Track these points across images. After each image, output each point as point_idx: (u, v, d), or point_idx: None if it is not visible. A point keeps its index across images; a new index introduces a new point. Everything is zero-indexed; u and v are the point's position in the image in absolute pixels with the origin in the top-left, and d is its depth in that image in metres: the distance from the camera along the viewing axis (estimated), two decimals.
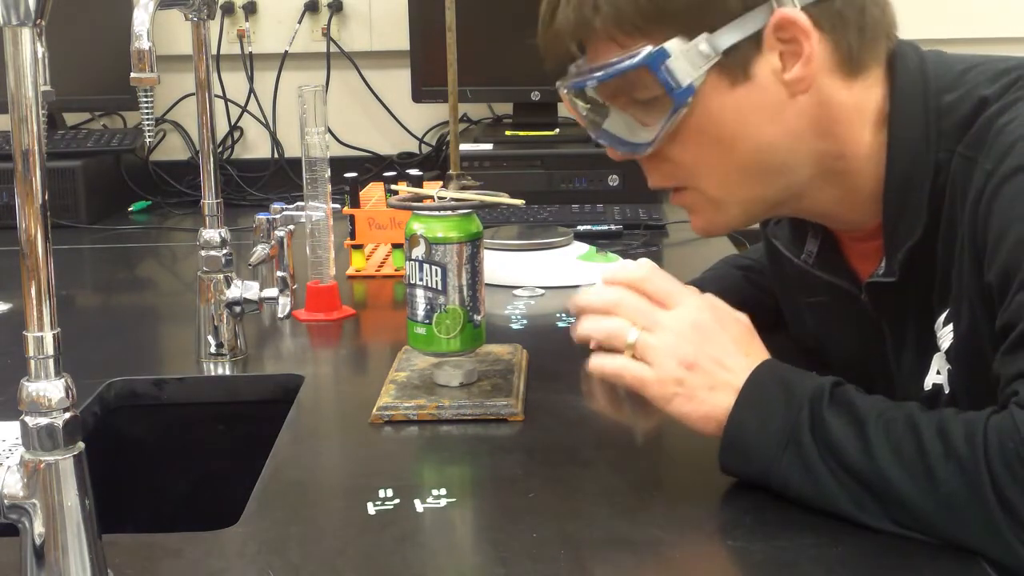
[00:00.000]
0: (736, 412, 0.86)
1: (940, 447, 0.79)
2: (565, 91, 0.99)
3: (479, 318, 1.09)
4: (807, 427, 0.83)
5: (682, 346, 0.88)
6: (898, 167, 0.93)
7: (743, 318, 0.93)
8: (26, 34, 0.67)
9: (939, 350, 0.94)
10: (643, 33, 0.91)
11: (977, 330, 0.88)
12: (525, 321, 1.38)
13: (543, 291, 1.50)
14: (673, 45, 0.90)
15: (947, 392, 0.94)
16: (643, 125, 0.94)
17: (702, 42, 0.90)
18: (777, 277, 1.18)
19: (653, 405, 0.89)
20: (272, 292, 1.26)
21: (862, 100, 0.94)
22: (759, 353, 0.90)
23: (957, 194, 0.89)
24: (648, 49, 0.90)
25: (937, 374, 0.95)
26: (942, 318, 0.93)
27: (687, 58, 0.90)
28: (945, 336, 0.93)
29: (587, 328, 0.93)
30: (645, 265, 0.94)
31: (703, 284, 1.13)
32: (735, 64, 0.91)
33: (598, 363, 0.91)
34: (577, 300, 0.95)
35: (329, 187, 1.43)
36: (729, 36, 0.90)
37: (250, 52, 2.34)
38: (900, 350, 1.00)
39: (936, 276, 0.93)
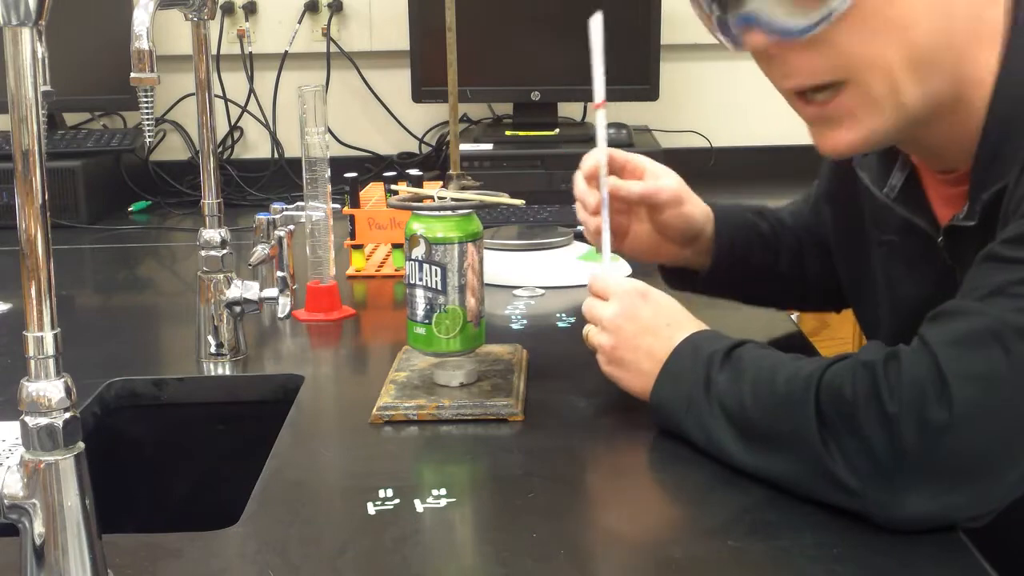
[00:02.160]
0: (658, 380, 0.99)
1: (784, 388, 0.86)
2: None
3: (479, 318, 1.09)
4: (702, 387, 0.94)
5: (613, 334, 1.03)
6: (1000, 113, 0.89)
7: (671, 300, 1.05)
8: (26, 34, 0.67)
9: None
10: None
11: None
12: (525, 321, 1.38)
13: (543, 291, 1.50)
14: None
15: None
16: (808, 4, 0.85)
17: None
18: (844, 216, 1.15)
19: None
20: (272, 292, 1.26)
21: (996, 22, 0.90)
22: (687, 326, 1.01)
23: None
24: None
25: None
26: None
27: None
28: None
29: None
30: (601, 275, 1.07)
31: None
32: None
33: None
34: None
35: (329, 187, 1.43)
36: None
37: (250, 52, 2.34)
38: None
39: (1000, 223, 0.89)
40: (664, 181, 1.17)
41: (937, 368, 0.78)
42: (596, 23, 1.03)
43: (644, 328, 1.02)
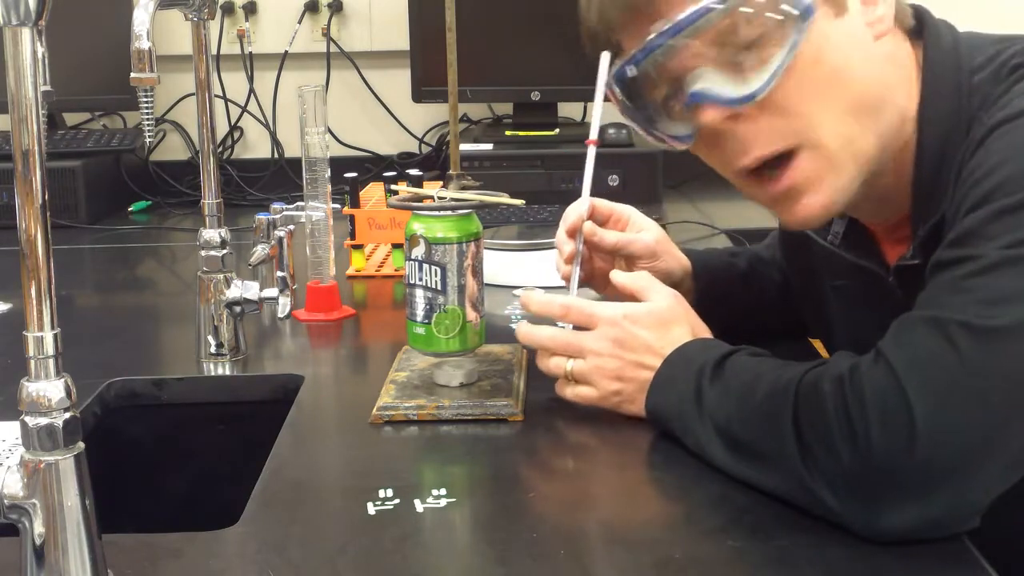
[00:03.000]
0: (650, 392, 0.99)
1: (764, 402, 0.86)
2: (643, 58, 0.92)
3: (479, 318, 1.09)
4: (693, 399, 0.93)
5: (608, 363, 1.01)
6: (929, 154, 0.92)
7: (657, 303, 1.02)
8: (26, 34, 0.67)
9: None
10: None
11: None
12: (525, 321, 1.37)
13: (543, 291, 1.50)
14: None
15: None
16: (750, 70, 0.88)
17: None
18: (799, 264, 1.17)
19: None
20: (272, 292, 1.26)
21: (909, 61, 0.94)
22: (676, 336, 1.00)
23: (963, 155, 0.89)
24: None
25: None
26: None
27: None
28: None
29: (539, 365, 1.07)
30: (558, 301, 1.06)
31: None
32: None
33: (561, 392, 1.06)
34: (519, 335, 1.08)
35: (329, 187, 1.43)
36: None
37: (250, 52, 2.34)
38: None
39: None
40: (642, 235, 1.18)
41: (895, 378, 0.78)
42: (604, 61, 1.01)
43: (639, 347, 1.01)
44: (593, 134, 1.08)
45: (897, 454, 0.77)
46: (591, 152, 1.08)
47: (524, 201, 1.13)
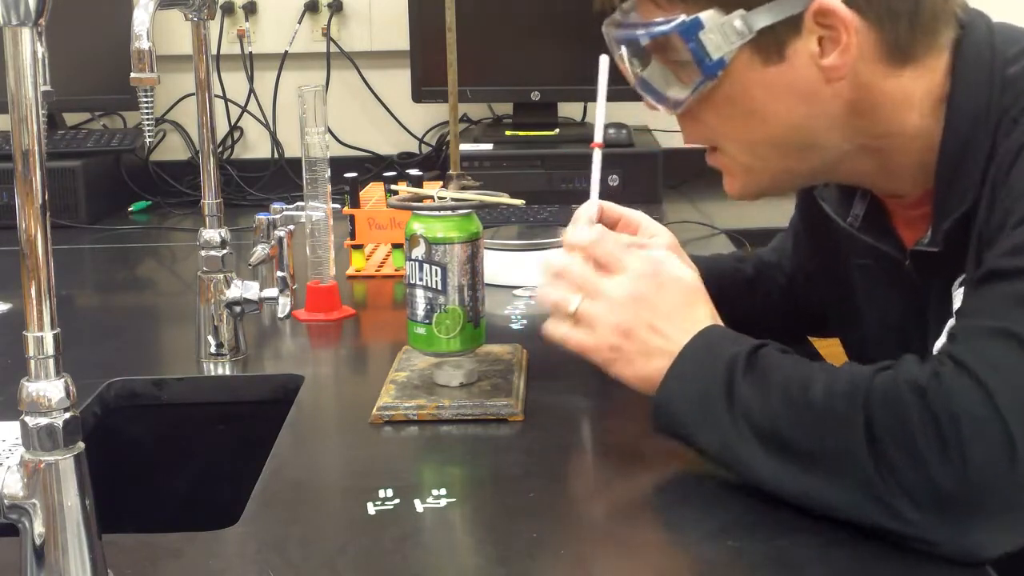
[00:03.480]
0: (666, 380, 0.91)
1: (823, 405, 0.81)
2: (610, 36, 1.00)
3: (479, 318, 1.09)
4: (722, 395, 0.86)
5: (619, 313, 0.94)
6: (953, 143, 0.92)
7: (688, 277, 0.97)
8: (26, 34, 0.67)
9: (952, 315, 0.92)
10: None
11: None
12: (525, 321, 1.38)
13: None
14: (708, 16, 0.90)
15: None
16: (679, 82, 0.95)
17: (736, 18, 0.89)
18: (820, 246, 1.16)
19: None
20: (272, 292, 1.26)
21: (911, 88, 0.92)
22: (700, 317, 0.94)
23: (1003, 158, 0.88)
24: (682, 18, 0.91)
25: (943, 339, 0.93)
26: (958, 280, 0.92)
27: (721, 32, 0.90)
28: (957, 297, 0.92)
29: (540, 295, 1.00)
30: (595, 230, 1.00)
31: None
32: (769, 44, 0.90)
33: (548, 330, 0.99)
34: (542, 263, 1.02)
35: (329, 187, 1.43)
36: (766, 16, 0.89)
37: (250, 52, 2.34)
38: (940, 318, 0.97)
39: (973, 244, 0.91)
40: (654, 241, 1.16)
41: (984, 391, 0.76)
42: (604, 64, 1.02)
43: (665, 310, 0.94)
44: (598, 137, 1.08)
45: (996, 470, 0.75)
46: (597, 155, 1.08)
47: (524, 201, 1.13)
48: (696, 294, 0.97)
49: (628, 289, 0.95)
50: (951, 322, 0.91)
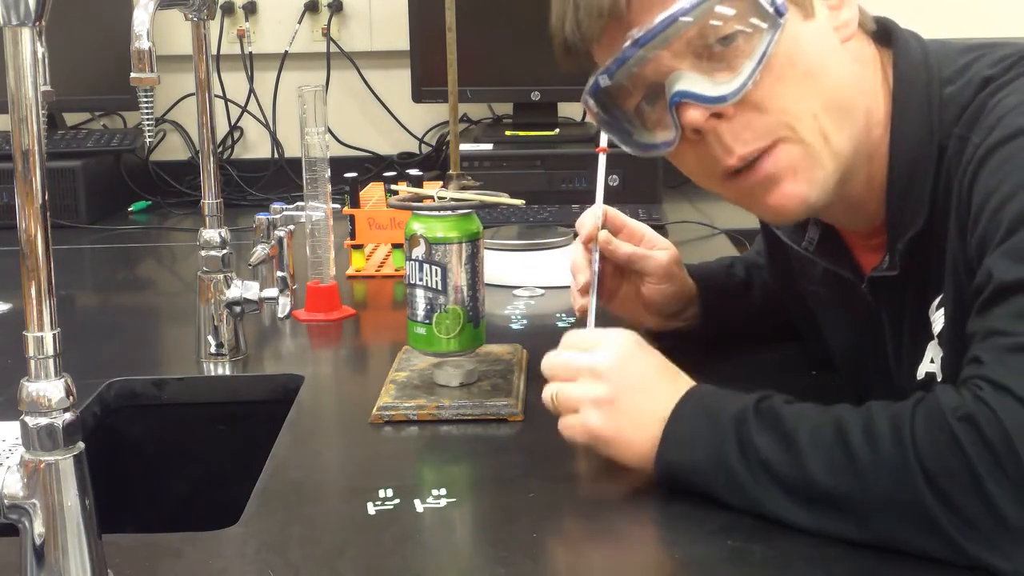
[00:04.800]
0: (663, 450, 0.87)
1: (868, 449, 0.78)
2: (616, 68, 0.93)
3: (479, 318, 1.09)
4: (736, 453, 0.83)
5: (597, 387, 0.90)
6: (900, 165, 0.93)
7: (657, 356, 0.93)
8: (26, 34, 0.67)
9: (933, 337, 0.93)
10: None
11: (964, 307, 0.86)
12: (525, 321, 1.38)
13: (543, 291, 1.50)
14: None
15: (940, 380, 0.93)
16: (728, 71, 0.89)
17: None
18: (779, 268, 1.18)
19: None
20: (272, 292, 1.26)
21: (875, 65, 0.95)
22: (681, 380, 0.91)
23: (953, 176, 0.89)
24: None
25: (931, 363, 0.94)
26: (936, 302, 0.93)
27: None
28: (938, 320, 0.92)
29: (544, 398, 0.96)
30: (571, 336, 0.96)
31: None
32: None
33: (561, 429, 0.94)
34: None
35: (329, 187, 1.43)
36: None
37: (250, 52, 2.34)
38: (899, 340, 0.99)
39: (933, 263, 0.92)
40: (657, 253, 1.17)
41: None
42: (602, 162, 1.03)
43: (645, 379, 0.91)
44: (603, 141, 1.08)
45: None
46: (602, 160, 1.08)
47: (524, 201, 1.13)
48: (670, 367, 0.93)
49: (615, 356, 0.92)
50: (932, 344, 0.93)
